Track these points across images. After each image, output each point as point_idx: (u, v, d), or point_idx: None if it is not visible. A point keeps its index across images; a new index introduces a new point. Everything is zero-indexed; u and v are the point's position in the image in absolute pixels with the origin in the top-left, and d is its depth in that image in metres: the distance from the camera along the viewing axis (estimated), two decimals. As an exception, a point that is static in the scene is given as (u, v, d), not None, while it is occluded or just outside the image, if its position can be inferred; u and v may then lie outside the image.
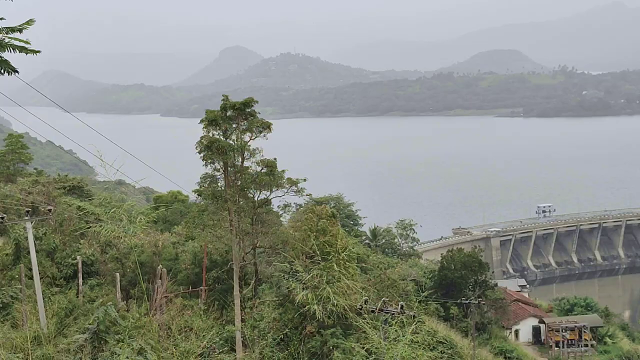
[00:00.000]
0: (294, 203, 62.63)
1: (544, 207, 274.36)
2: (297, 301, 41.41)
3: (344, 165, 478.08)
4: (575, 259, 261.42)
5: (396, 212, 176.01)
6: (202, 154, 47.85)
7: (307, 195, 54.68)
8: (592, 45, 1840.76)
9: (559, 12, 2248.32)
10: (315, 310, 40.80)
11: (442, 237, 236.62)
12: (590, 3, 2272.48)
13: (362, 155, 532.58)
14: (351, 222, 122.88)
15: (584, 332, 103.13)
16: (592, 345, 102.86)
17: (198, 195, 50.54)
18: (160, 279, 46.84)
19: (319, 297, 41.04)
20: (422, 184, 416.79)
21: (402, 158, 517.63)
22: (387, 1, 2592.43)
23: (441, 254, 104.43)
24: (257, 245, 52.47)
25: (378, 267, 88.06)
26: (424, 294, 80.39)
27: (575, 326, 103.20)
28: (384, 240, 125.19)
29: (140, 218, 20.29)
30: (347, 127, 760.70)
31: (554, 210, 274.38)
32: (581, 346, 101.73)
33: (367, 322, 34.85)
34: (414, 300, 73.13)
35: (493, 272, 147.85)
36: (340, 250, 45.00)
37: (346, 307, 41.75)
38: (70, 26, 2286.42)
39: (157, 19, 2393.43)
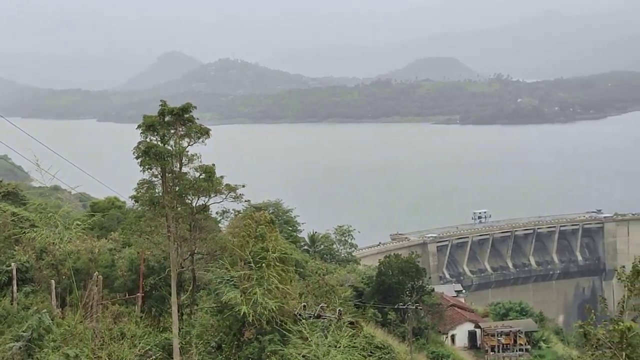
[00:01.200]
0: (233, 209, 62.32)
1: (480, 213, 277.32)
2: (234, 307, 41.34)
3: (283, 172, 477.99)
4: (510, 264, 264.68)
5: (335, 218, 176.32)
6: (139, 160, 47.44)
7: (245, 201, 54.53)
8: (527, 53, 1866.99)
9: (495, 21, 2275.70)
10: (245, 312, 40.73)
11: (380, 242, 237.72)
12: (525, 12, 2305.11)
13: (301, 162, 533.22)
14: (290, 228, 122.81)
15: (519, 336, 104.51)
16: (526, 350, 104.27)
17: (135, 201, 50.05)
18: (96, 285, 46.37)
19: (248, 299, 40.96)
20: (360, 190, 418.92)
21: (340, 164, 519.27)
22: (325, 8, 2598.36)
23: (379, 259, 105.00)
24: (195, 251, 52.17)
25: (316, 273, 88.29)
26: (362, 299, 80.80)
27: (510, 331, 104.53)
28: (322, 246, 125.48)
29: (76, 224, 20.22)
30: (286, 133, 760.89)
31: (490, 216, 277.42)
32: (516, 350, 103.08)
33: (305, 328, 35.00)
34: (352, 306, 73.46)
35: (430, 278, 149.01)
36: (275, 253, 45.05)
37: (283, 311, 41.80)
38: (4, 28, 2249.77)
39: (95, 22, 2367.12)
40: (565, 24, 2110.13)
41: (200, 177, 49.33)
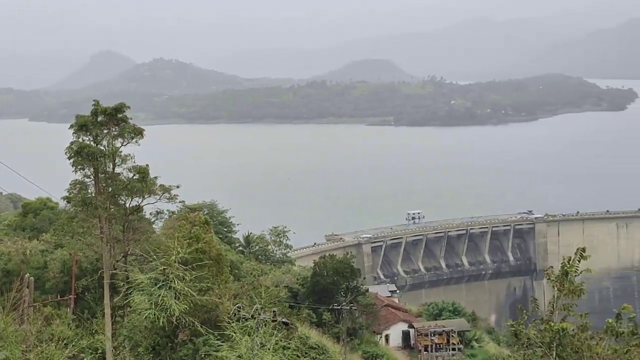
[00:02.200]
0: (167, 210, 61.92)
1: (414, 213, 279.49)
2: (168, 309, 41.07)
3: (218, 172, 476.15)
4: (443, 265, 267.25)
5: (270, 219, 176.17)
6: (71, 160, 46.97)
7: (180, 202, 54.32)
8: (460, 56, 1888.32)
9: (429, 25, 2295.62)
10: (155, 316, 40.46)
11: (315, 243, 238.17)
12: (458, 16, 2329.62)
13: (236, 162, 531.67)
14: (225, 229, 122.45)
15: (452, 336, 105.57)
16: (459, 349, 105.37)
17: (67, 202, 49.55)
18: (27, 287, 45.71)
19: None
20: (296, 191, 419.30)
21: (275, 165, 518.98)
22: (262, 10, 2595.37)
23: (314, 260, 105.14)
24: (129, 252, 51.78)
25: (251, 273, 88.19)
26: (296, 300, 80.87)
27: (444, 330, 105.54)
28: (257, 247, 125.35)
29: (4, 224, 19.95)
30: (221, 133, 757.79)
31: (423, 217, 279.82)
32: (449, 350, 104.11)
33: (240, 329, 34.92)
34: (287, 306, 73.51)
35: (364, 278, 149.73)
36: (213, 257, 44.92)
37: (218, 312, 41.67)
38: None
39: (27, 20, 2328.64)
40: (497, 29, 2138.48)
41: (134, 177, 49.00)
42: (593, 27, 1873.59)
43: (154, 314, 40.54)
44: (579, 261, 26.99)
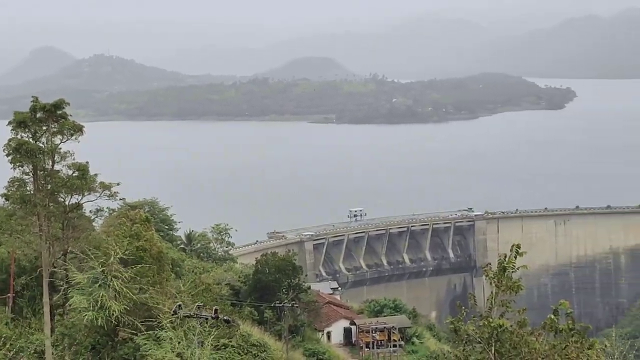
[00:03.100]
0: (107, 208, 61.38)
1: (356, 211, 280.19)
2: (106, 308, 40.76)
3: (159, 170, 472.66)
4: (385, 262, 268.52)
5: (212, 217, 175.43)
6: (9, 157, 46.40)
7: (120, 199, 53.95)
8: (401, 54, 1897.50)
9: (371, 23, 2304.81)
10: (93, 316, 40.22)
11: (257, 241, 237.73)
12: (399, 15, 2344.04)
13: (177, 160, 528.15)
14: (166, 227, 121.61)
15: (393, 332, 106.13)
16: (400, 346, 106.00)
17: (5, 199, 48.96)
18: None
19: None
20: (238, 189, 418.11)
21: (218, 162, 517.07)
22: (205, 9, 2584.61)
23: (256, 257, 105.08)
24: (68, 250, 51.24)
25: (193, 271, 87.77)
26: (238, 298, 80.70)
27: (385, 327, 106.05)
28: (199, 245, 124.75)
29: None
30: (163, 130, 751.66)
31: (365, 215, 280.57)
32: (390, 346, 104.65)
33: (181, 327, 34.85)
34: (229, 304, 73.39)
35: (306, 275, 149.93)
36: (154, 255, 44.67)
37: (159, 311, 41.45)
38: None
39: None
40: (437, 28, 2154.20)
41: (74, 174, 48.51)
42: (531, 27, 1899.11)
43: (93, 314, 40.22)
44: (515, 257, 27.37)
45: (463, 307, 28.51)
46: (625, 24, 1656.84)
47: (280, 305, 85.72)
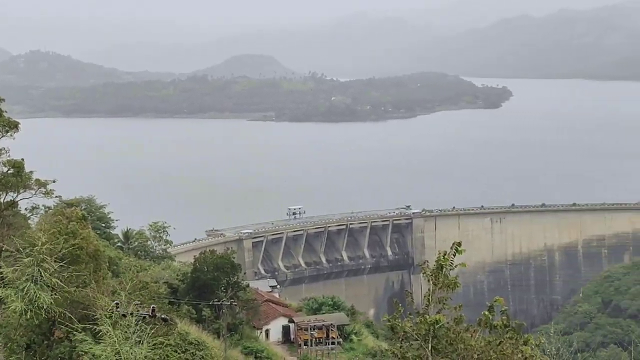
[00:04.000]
0: (43, 205, 60.65)
1: (295, 209, 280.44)
2: (44, 306, 40.25)
3: (97, 167, 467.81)
4: (323, 260, 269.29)
5: (149, 214, 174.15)
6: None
7: (56, 197, 53.34)
8: (340, 53, 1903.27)
9: (309, 20, 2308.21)
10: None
11: (195, 239, 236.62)
12: (337, 12, 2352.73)
13: (114, 157, 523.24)
14: (103, 225, 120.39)
15: (332, 330, 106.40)
16: (338, 343, 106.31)
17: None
18: None
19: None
20: (176, 186, 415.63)
21: (155, 159, 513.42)
22: (143, 6, 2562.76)
23: (194, 256, 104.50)
24: (3, 248, 50.50)
25: (130, 270, 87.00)
26: (176, 296, 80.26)
27: (323, 325, 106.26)
28: (136, 243, 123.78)
29: None
30: (100, 127, 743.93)
31: (304, 213, 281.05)
32: (328, 344, 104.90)
33: (118, 326, 34.53)
34: (167, 302, 72.93)
35: (245, 273, 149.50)
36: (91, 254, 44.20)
37: (96, 309, 41.02)
38: None
39: None
40: (375, 26, 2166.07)
41: (9, 172, 47.86)
42: (468, 27, 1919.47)
43: (22, 309, 39.69)
44: (454, 255, 27.65)
45: (400, 305, 28.72)
46: (558, 24, 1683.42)
47: (219, 303, 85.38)
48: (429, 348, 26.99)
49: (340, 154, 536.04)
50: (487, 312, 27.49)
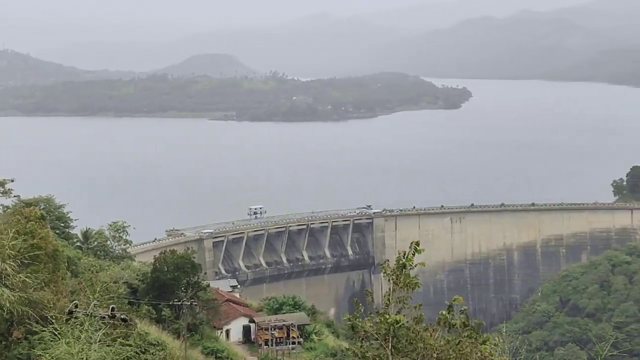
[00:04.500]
0: (1, 205, 60.07)
1: (255, 208, 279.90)
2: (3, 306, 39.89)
3: (56, 166, 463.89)
4: (284, 259, 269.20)
5: (109, 214, 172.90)
6: None
7: (15, 196, 52.85)
8: (302, 53, 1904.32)
9: (271, 20, 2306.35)
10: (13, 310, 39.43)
11: (155, 239, 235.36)
12: (298, 12, 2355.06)
13: (74, 156, 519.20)
14: (62, 225, 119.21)
15: (292, 330, 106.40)
16: (299, 343, 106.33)
17: None
18: None
19: None
20: (136, 186, 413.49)
21: (115, 159, 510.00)
22: (99, 2, 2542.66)
23: (154, 255, 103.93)
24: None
25: (89, 270, 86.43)
26: (136, 296, 79.86)
27: (284, 324, 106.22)
28: (96, 243, 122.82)
29: None
30: (59, 126, 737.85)
31: (265, 212, 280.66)
32: (289, 344, 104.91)
33: (77, 326, 34.32)
34: (126, 303, 72.55)
35: (205, 273, 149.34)
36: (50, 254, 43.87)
37: (55, 308, 40.74)
38: None
39: None
40: (336, 26, 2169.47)
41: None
42: (429, 28, 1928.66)
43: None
44: (414, 254, 27.80)
45: (360, 304, 28.84)
46: (519, 25, 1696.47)
47: (179, 303, 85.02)
48: (389, 347, 27.13)
49: (301, 154, 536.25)
50: (446, 312, 27.68)
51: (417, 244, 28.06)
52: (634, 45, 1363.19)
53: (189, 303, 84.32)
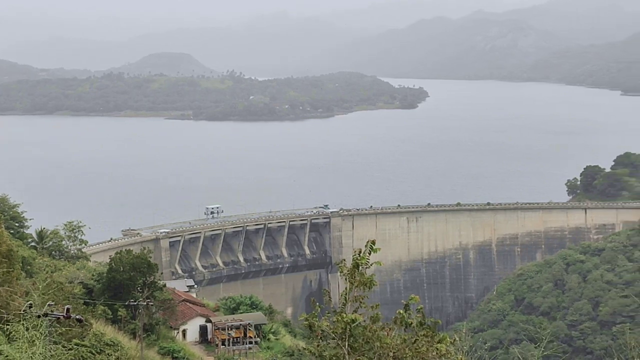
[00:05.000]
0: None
1: (212, 208, 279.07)
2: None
3: (10, 166, 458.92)
4: (241, 259, 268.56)
5: (64, 214, 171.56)
6: None
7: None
8: (259, 52, 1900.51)
9: (228, 19, 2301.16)
10: None
11: (111, 238, 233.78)
12: (256, 12, 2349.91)
13: (29, 155, 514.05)
14: (16, 224, 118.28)
15: (249, 329, 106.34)
16: (256, 342, 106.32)
17: None
18: None
19: None
20: (92, 185, 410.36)
21: (71, 158, 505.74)
22: (55, 1, 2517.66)
23: (110, 255, 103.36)
24: None
25: (44, 270, 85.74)
26: (92, 296, 79.31)
27: (241, 324, 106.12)
28: (51, 243, 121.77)
29: None
30: (14, 125, 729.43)
31: (222, 212, 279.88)
32: (246, 343, 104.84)
33: (31, 327, 33.99)
34: (82, 303, 72.02)
35: (162, 273, 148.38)
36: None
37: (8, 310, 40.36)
38: None
39: None
40: (293, 25, 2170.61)
41: None
42: (386, 28, 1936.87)
43: None
44: (370, 253, 27.92)
45: (318, 303, 28.89)
46: (474, 26, 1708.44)
47: (135, 303, 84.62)
48: (346, 346, 27.21)
49: (258, 153, 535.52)
50: (402, 311, 27.84)
51: (373, 242, 28.17)
52: (586, 46, 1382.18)
53: (145, 303, 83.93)
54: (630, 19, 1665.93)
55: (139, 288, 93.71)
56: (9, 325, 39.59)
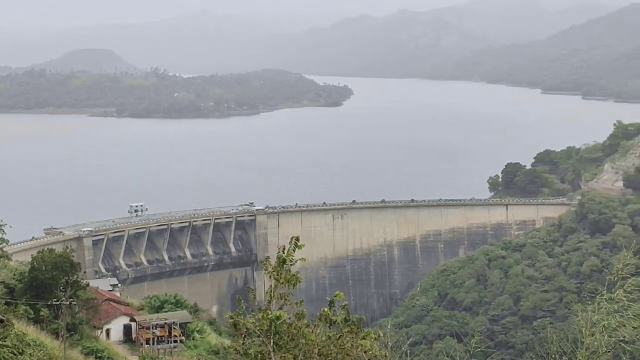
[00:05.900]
0: None
1: (136, 206, 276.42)
2: None
3: None
4: (166, 257, 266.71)
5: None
6: None
7: None
8: (182, 50, 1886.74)
9: (151, 15, 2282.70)
10: None
11: (33, 237, 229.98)
12: (179, 9, 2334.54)
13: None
14: None
15: (174, 328, 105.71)
16: (181, 341, 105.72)
17: None
18: None
19: None
20: (11, 183, 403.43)
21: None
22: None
23: (32, 255, 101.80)
24: None
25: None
26: (13, 296, 78.10)
27: (165, 323, 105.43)
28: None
29: None
30: None
31: (147, 210, 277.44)
32: (171, 342, 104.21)
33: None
34: (3, 303, 70.93)
35: (85, 272, 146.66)
36: None
37: None
38: None
39: None
40: (218, 22, 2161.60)
41: None
42: (310, 25, 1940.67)
43: None
44: (294, 250, 28.14)
45: (243, 301, 29.04)
46: (397, 25, 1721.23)
47: (57, 303, 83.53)
48: (271, 344, 27.40)
49: (183, 151, 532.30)
50: (327, 308, 28.12)
51: (297, 239, 28.42)
52: (507, 45, 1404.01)
53: (67, 302, 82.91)
54: (551, 18, 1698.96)
55: (61, 287, 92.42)
56: None
